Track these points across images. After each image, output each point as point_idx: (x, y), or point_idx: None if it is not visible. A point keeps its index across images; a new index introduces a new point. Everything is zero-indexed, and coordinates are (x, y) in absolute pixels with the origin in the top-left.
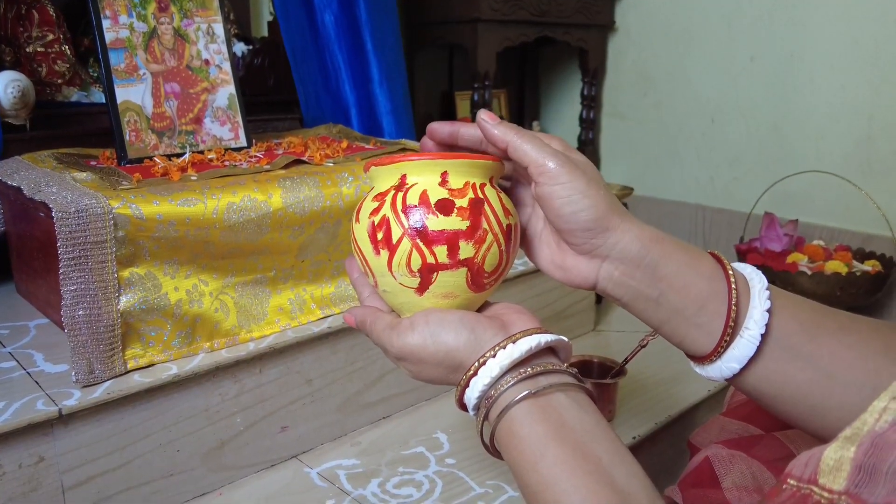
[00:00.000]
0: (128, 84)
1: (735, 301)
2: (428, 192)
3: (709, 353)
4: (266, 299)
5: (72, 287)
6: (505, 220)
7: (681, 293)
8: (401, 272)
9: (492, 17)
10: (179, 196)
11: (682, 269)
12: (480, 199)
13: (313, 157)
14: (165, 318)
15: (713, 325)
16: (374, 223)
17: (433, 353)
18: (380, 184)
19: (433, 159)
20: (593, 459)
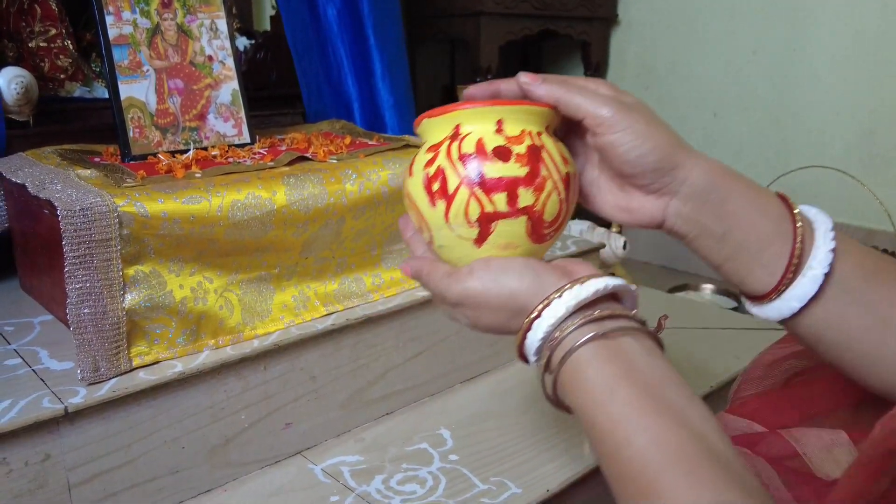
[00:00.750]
0: (131, 80)
1: (800, 240)
2: (484, 140)
3: (769, 292)
4: (270, 296)
5: (77, 285)
6: (564, 169)
7: (746, 230)
8: (458, 223)
9: (494, 10)
10: (184, 194)
11: (748, 205)
12: (538, 147)
13: (317, 153)
14: (170, 316)
15: (776, 264)
16: (428, 175)
17: (495, 295)
18: (433, 136)
19: (488, 107)
20: (665, 400)
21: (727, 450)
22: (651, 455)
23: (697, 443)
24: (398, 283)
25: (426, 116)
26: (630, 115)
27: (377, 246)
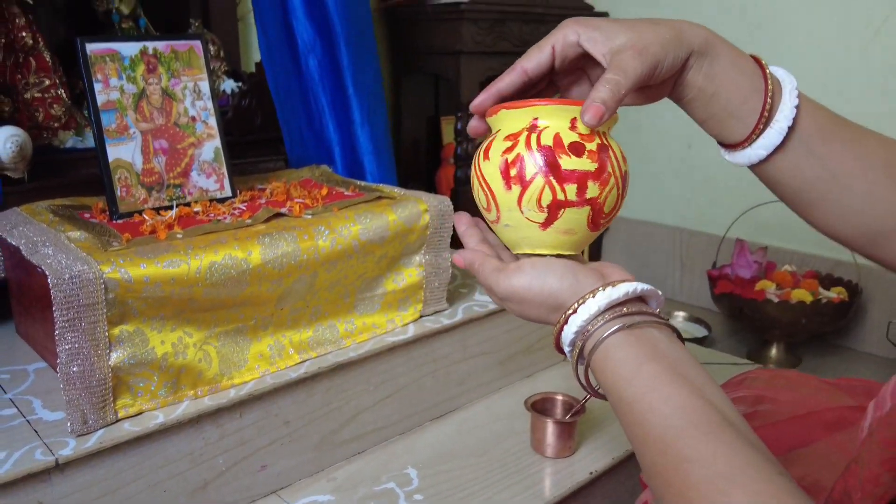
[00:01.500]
0: (118, 143)
1: (770, 96)
2: (561, 135)
3: (742, 141)
4: (247, 347)
5: (66, 346)
6: (624, 167)
7: (730, 89)
8: (530, 207)
9: (474, 49)
10: (165, 258)
11: (731, 65)
12: (606, 146)
13: (293, 208)
14: (153, 371)
15: (750, 118)
16: (507, 160)
17: (538, 293)
18: (509, 125)
19: (564, 105)
20: (686, 377)
21: (740, 420)
22: (674, 420)
23: (715, 412)
24: (370, 328)
25: (504, 108)
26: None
27: (350, 294)
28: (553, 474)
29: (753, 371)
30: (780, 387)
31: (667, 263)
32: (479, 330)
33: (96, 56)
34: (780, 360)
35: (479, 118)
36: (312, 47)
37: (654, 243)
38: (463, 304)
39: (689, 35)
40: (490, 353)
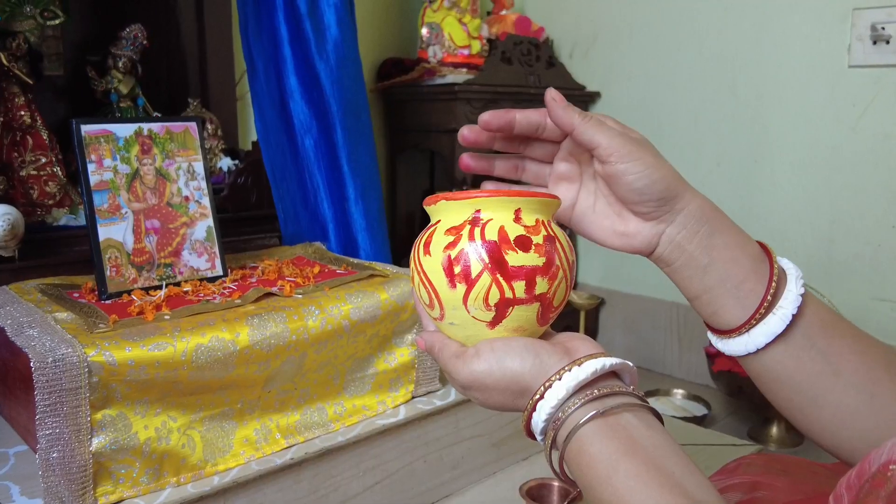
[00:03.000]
0: (110, 223)
1: (775, 280)
2: (506, 228)
3: (740, 326)
4: (232, 431)
5: (47, 432)
6: (571, 257)
7: (727, 265)
8: (476, 306)
9: None
10: (150, 341)
11: (732, 241)
12: (553, 237)
13: (283, 287)
14: (135, 457)
15: (750, 300)
16: (450, 257)
17: (499, 378)
18: (449, 217)
19: (507, 196)
20: (666, 472)
21: None
22: None
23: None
24: (360, 410)
25: (444, 198)
26: (640, 148)
27: (340, 375)
28: None
29: (748, 456)
30: (775, 472)
31: (665, 339)
32: (473, 411)
33: (91, 137)
34: (782, 440)
35: (480, 131)
36: (309, 128)
37: (651, 319)
38: None
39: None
40: (484, 436)
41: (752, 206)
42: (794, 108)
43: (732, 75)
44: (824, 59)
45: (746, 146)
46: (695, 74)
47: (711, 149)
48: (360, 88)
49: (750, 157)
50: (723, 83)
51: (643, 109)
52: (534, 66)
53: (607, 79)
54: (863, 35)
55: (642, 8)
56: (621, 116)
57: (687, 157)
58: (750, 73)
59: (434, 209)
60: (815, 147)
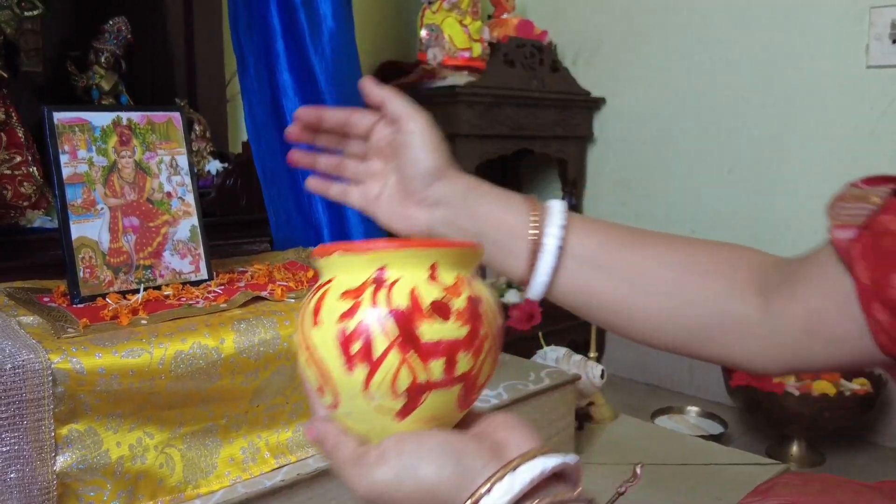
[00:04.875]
0: (84, 220)
1: (536, 225)
2: (419, 292)
3: (526, 276)
4: (216, 450)
5: (4, 448)
6: (498, 320)
7: (495, 226)
8: (381, 393)
9: (470, 132)
10: (124, 347)
11: (496, 205)
12: (477, 298)
13: (274, 291)
14: (105, 478)
15: (526, 252)
16: (346, 331)
17: (410, 490)
18: (346, 276)
19: (420, 249)
20: None
21: None
22: None
23: None
24: None
25: (340, 249)
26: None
27: None
28: None
29: (783, 476)
30: (814, 492)
31: (676, 356)
32: None
33: (64, 125)
34: (802, 458)
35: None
36: None
37: None
38: None
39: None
40: None
41: (766, 212)
42: (810, 112)
43: (744, 80)
44: (841, 59)
45: (760, 152)
46: (704, 80)
47: (722, 155)
48: (355, 82)
49: (763, 164)
50: (734, 89)
51: (651, 116)
52: (537, 70)
53: (613, 85)
54: (881, 34)
55: (648, 13)
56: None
57: (697, 164)
58: (762, 78)
59: (326, 264)
60: (832, 151)
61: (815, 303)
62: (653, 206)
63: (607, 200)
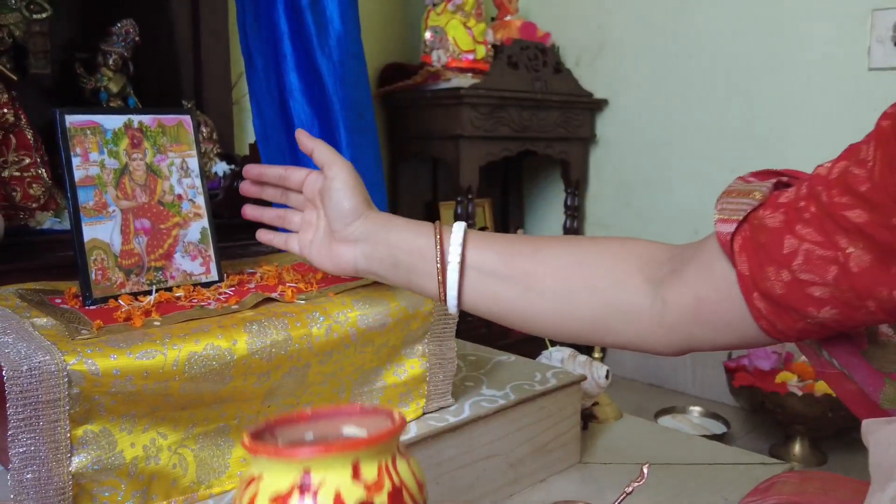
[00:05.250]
0: (96, 222)
1: (440, 246)
2: (343, 495)
3: (440, 293)
4: (228, 450)
5: (20, 449)
6: (420, 498)
7: (409, 253)
8: None
9: (474, 133)
10: (138, 348)
11: (406, 235)
12: (398, 488)
13: (284, 293)
14: (120, 478)
15: (435, 271)
16: None
17: None
18: (274, 477)
19: (341, 452)
20: None
21: None
22: None
23: None
24: None
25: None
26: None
27: (346, 388)
28: None
29: (783, 474)
30: (813, 491)
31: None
32: (487, 429)
33: (76, 128)
34: (805, 458)
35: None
36: (310, 126)
37: None
38: (469, 399)
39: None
40: (499, 456)
41: None
42: (813, 114)
43: (746, 82)
44: (843, 62)
45: (763, 154)
46: (707, 82)
47: (725, 157)
48: (364, 86)
49: (766, 165)
50: (736, 91)
51: (653, 117)
52: (541, 72)
53: (615, 87)
54: (883, 36)
55: (651, 15)
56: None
57: (699, 166)
58: (765, 80)
59: (255, 461)
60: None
61: (703, 291)
62: (655, 206)
63: (610, 201)
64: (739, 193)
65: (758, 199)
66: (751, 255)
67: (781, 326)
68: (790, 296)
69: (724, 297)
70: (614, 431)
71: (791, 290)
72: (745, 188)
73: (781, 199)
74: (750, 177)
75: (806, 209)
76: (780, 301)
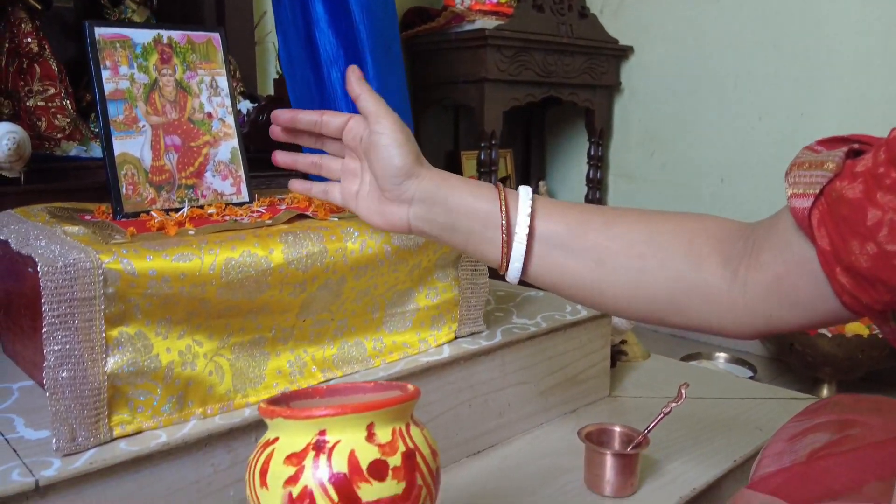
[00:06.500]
0: (126, 136)
1: (505, 214)
2: (357, 453)
3: (502, 262)
4: (264, 361)
5: (56, 347)
6: (434, 465)
7: (468, 217)
8: None
9: (498, 77)
10: (175, 251)
11: (466, 198)
12: (412, 451)
13: (317, 212)
14: (155, 382)
15: (499, 239)
16: (291, 495)
17: None
18: (290, 438)
19: (356, 413)
20: None
21: None
22: None
23: None
24: (401, 347)
25: (281, 414)
26: (400, 128)
27: (379, 308)
28: None
29: (834, 396)
30: (867, 411)
31: None
32: (519, 356)
33: (105, 41)
34: None
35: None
36: (336, 59)
37: None
38: (501, 326)
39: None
40: (531, 383)
41: None
42: (844, 60)
43: (776, 29)
44: (877, 5)
45: (792, 100)
46: (734, 29)
47: (752, 104)
48: (391, 18)
49: (796, 111)
50: (765, 37)
51: (679, 64)
52: (566, 16)
53: (641, 33)
54: None
55: None
56: (656, 71)
57: (726, 113)
58: (795, 26)
59: (270, 424)
60: (865, 100)
61: (780, 269)
62: (680, 156)
63: (634, 151)
64: (811, 165)
65: (832, 169)
66: (831, 229)
67: (867, 300)
68: (877, 268)
69: (803, 274)
70: (643, 370)
71: (878, 262)
72: (816, 159)
73: (858, 168)
74: (817, 146)
75: (886, 175)
76: (867, 275)
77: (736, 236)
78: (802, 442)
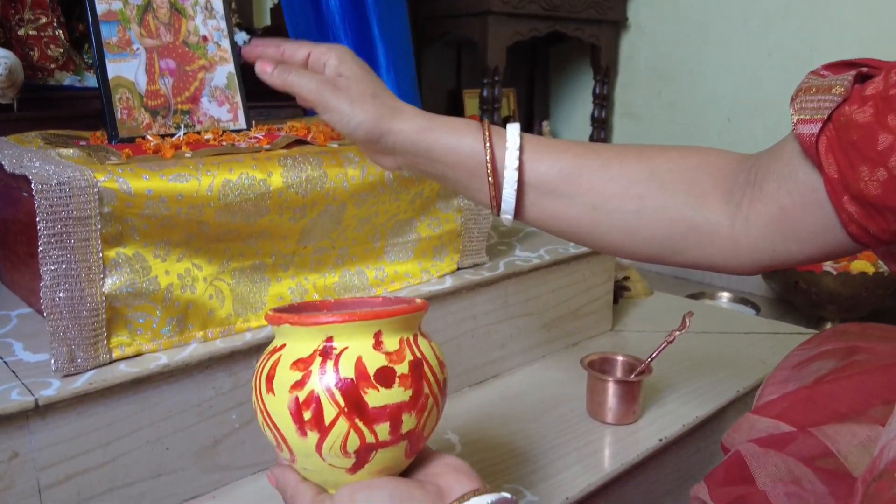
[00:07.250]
0: (120, 59)
1: (492, 164)
2: (364, 360)
3: (493, 209)
4: (265, 287)
5: (52, 267)
6: (441, 376)
7: (454, 168)
8: (333, 454)
9: (502, 9)
10: (171, 171)
11: (449, 149)
12: (419, 360)
13: (316, 138)
14: (155, 304)
15: (486, 189)
16: (298, 399)
17: None
18: (297, 345)
19: (364, 320)
20: None
21: None
22: None
23: None
24: (402, 277)
25: (288, 321)
26: (337, 97)
27: (380, 237)
28: (615, 442)
29: (841, 325)
30: (874, 338)
31: None
32: (522, 288)
33: None
34: None
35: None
36: None
37: None
38: (504, 258)
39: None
40: (533, 315)
41: None
42: None
43: None
44: None
45: (801, 36)
46: None
47: (762, 39)
48: None
49: (805, 48)
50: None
51: (687, 1)
52: None
53: None
54: None
55: None
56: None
57: (734, 49)
58: None
59: (277, 331)
60: (878, 35)
61: (784, 200)
62: (688, 94)
63: (640, 89)
64: (818, 90)
65: (840, 94)
66: (839, 155)
67: (874, 230)
68: (887, 195)
69: (808, 204)
70: (646, 306)
71: (888, 189)
72: (823, 84)
73: (868, 92)
74: (824, 70)
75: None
76: (875, 202)
77: (738, 168)
78: (808, 369)
